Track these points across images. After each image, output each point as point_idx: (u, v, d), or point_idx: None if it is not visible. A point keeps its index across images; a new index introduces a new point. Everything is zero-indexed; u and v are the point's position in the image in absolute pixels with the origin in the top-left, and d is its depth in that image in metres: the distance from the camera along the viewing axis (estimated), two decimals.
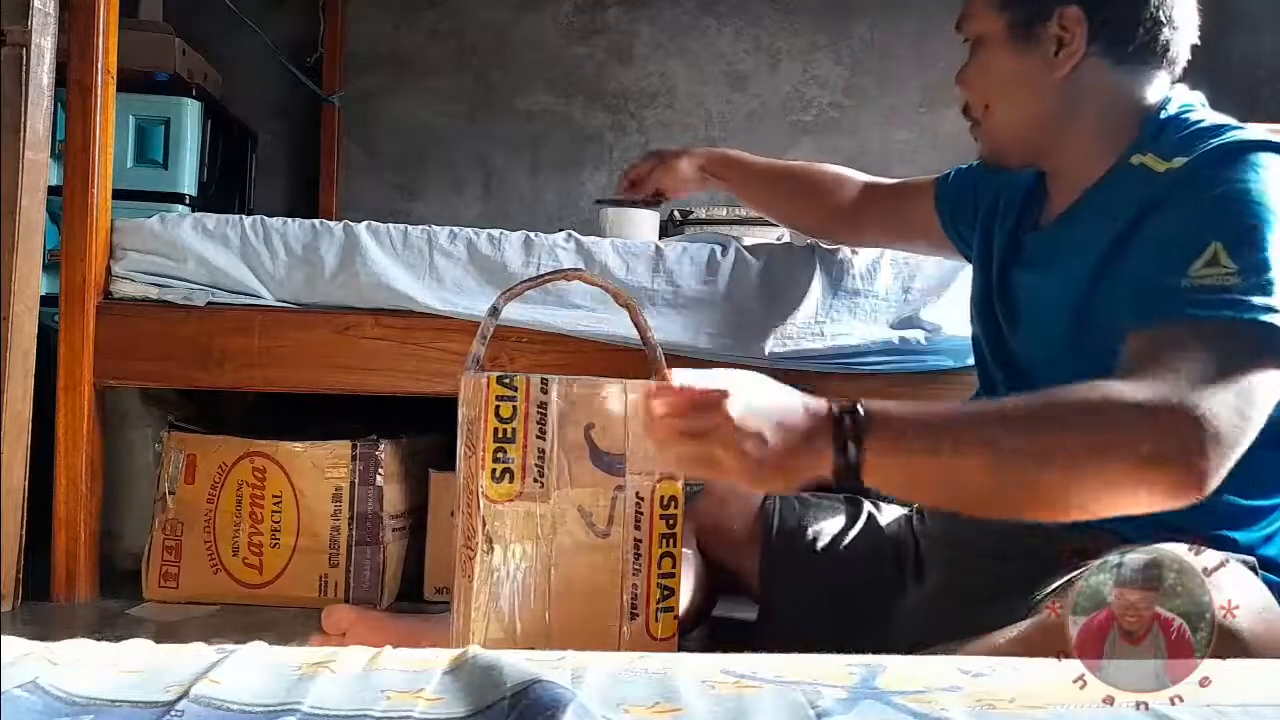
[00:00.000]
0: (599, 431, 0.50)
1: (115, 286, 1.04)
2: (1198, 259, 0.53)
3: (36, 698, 0.34)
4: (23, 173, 0.95)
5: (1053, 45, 0.63)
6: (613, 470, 0.51)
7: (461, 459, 0.52)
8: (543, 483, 0.49)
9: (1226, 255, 0.53)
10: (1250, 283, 0.52)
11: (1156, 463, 0.45)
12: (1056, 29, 0.62)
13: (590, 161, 1.82)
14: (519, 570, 0.48)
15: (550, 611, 0.49)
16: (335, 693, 0.35)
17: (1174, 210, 0.57)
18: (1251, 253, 0.53)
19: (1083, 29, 0.62)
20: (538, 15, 1.81)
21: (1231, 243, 0.54)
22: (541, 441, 0.49)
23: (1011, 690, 0.35)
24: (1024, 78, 0.64)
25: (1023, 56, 0.64)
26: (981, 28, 0.65)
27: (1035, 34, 0.63)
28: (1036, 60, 0.63)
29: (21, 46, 0.95)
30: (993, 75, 0.65)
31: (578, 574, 0.49)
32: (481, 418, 0.49)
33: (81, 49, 1.01)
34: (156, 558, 1.03)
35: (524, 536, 0.49)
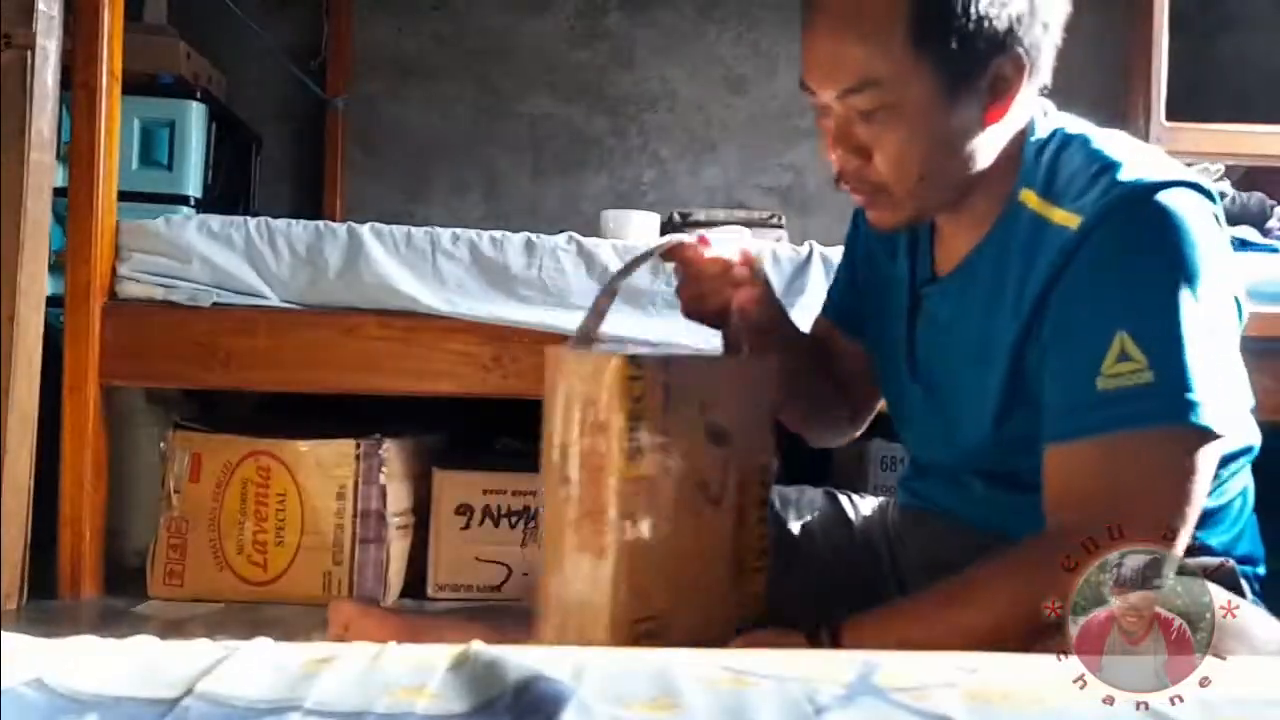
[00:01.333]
0: (714, 408, 0.54)
1: (120, 287, 1.05)
2: (1105, 355, 0.51)
3: (41, 695, 0.34)
4: (28, 174, 0.96)
5: (986, 96, 0.55)
6: (724, 443, 0.54)
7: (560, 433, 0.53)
8: (668, 458, 0.52)
9: (1134, 345, 0.50)
10: (1163, 375, 0.50)
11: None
12: (992, 77, 0.54)
13: (591, 165, 1.82)
14: (649, 538, 0.52)
15: (671, 575, 0.53)
16: (338, 689, 0.35)
17: (1077, 289, 0.53)
18: (1161, 336, 0.51)
19: (1022, 73, 0.54)
20: (540, 20, 1.81)
21: (1138, 328, 0.51)
22: (666, 420, 0.52)
23: (1009, 686, 0.35)
24: (959, 133, 0.55)
25: (959, 112, 0.55)
26: (905, 98, 0.54)
27: (971, 84, 0.54)
28: (972, 111, 0.55)
29: (26, 49, 0.96)
30: (929, 141, 0.55)
31: (694, 539, 0.53)
32: (614, 398, 0.51)
33: (86, 52, 1.01)
34: (161, 556, 1.03)
35: (651, 508, 0.52)
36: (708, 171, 1.81)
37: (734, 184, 1.82)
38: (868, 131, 0.55)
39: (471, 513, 1.08)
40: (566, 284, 1.07)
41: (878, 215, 0.59)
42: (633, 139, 1.82)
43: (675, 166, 1.82)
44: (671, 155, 1.82)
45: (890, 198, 0.57)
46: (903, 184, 0.56)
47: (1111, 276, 0.53)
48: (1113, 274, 0.53)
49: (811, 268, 1.08)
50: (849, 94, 0.55)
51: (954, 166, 0.57)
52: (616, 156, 1.82)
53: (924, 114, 0.54)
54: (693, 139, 1.81)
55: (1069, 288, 0.54)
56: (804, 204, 1.79)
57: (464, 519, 1.08)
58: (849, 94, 0.55)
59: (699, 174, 1.81)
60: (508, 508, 1.08)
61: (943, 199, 0.58)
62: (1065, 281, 0.54)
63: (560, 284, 1.07)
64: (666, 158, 1.82)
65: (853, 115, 0.55)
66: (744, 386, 0.56)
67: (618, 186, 1.82)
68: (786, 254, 1.10)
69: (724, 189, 1.82)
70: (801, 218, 1.74)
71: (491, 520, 1.08)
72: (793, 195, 1.79)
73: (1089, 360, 0.51)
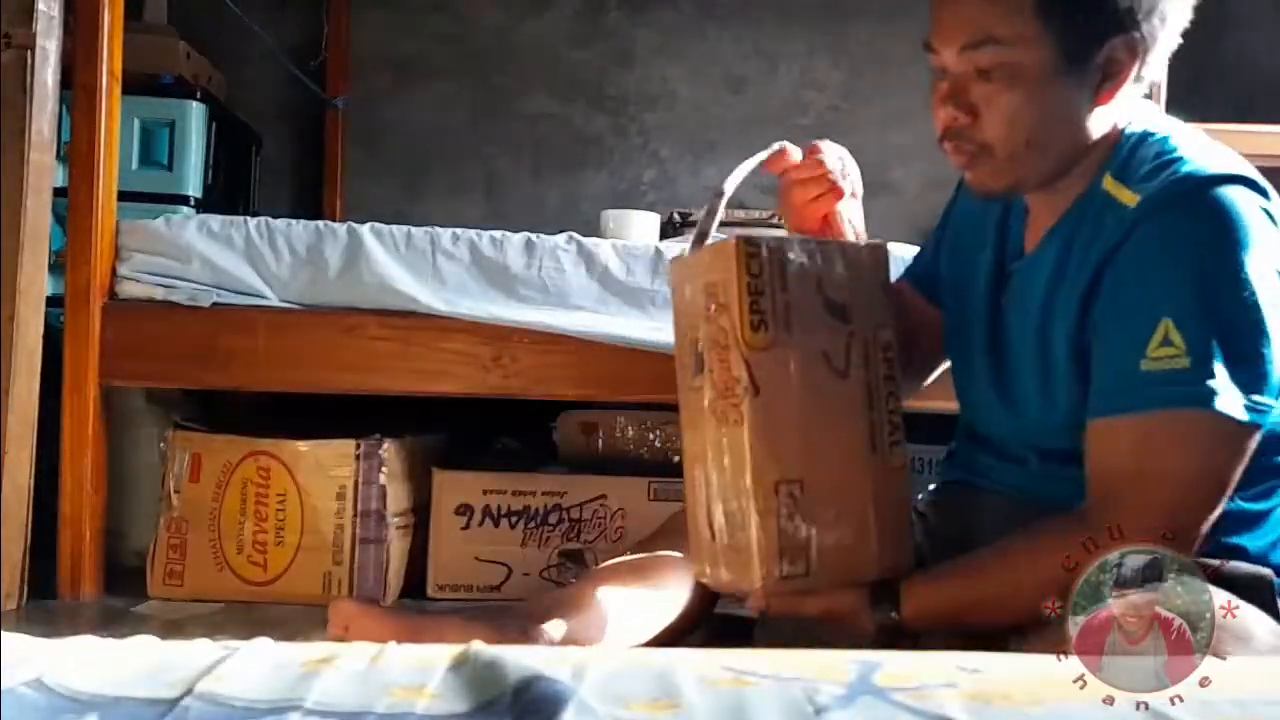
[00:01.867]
0: (830, 285, 0.57)
1: (120, 287, 1.05)
2: (1151, 338, 0.54)
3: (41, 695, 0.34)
4: (28, 174, 0.96)
5: (1097, 75, 0.57)
6: (843, 318, 0.58)
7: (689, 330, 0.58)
8: (790, 330, 0.56)
9: (1176, 332, 0.53)
10: (1197, 363, 0.53)
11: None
12: (1106, 59, 0.57)
13: (591, 164, 1.82)
14: (780, 406, 0.56)
15: (805, 442, 0.56)
16: (339, 689, 0.35)
17: (1129, 266, 0.57)
18: (1200, 323, 0.54)
19: (1134, 59, 0.57)
20: (539, 20, 1.81)
21: (1180, 316, 0.54)
22: (785, 294, 0.56)
23: (1009, 686, 0.35)
24: (1070, 109, 0.58)
25: (1072, 87, 0.57)
26: (1025, 59, 0.56)
27: (1086, 60, 0.57)
28: (1083, 90, 0.58)
29: (26, 49, 0.96)
30: (1041, 108, 0.57)
31: (823, 409, 0.57)
32: (734, 276, 0.55)
33: (86, 52, 1.01)
34: (161, 556, 1.03)
35: (779, 377, 0.56)
36: (708, 171, 1.81)
37: None
38: (982, 90, 0.58)
39: (471, 513, 1.08)
40: (566, 284, 1.07)
41: (976, 178, 0.61)
42: (633, 138, 1.82)
43: (675, 166, 1.82)
44: (671, 155, 1.82)
45: (992, 160, 0.59)
46: (1006, 146, 0.59)
47: (1161, 263, 0.55)
48: (1162, 261, 0.55)
49: None
50: (971, 49, 0.57)
51: (1057, 138, 0.59)
52: (616, 156, 1.82)
53: (1039, 80, 0.57)
54: (693, 139, 1.80)
55: (1120, 269, 0.57)
56: None
57: (464, 519, 1.08)
58: (971, 49, 0.57)
59: (699, 174, 1.81)
60: (508, 508, 1.08)
61: (1040, 171, 0.60)
62: (1118, 261, 0.57)
63: (560, 284, 1.07)
64: (666, 157, 1.82)
65: (970, 73, 0.58)
66: (857, 266, 0.59)
67: (618, 186, 1.82)
68: None
69: None
70: None
71: (491, 520, 1.08)
72: None
73: (1135, 342, 0.54)
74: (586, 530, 1.08)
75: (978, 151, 0.60)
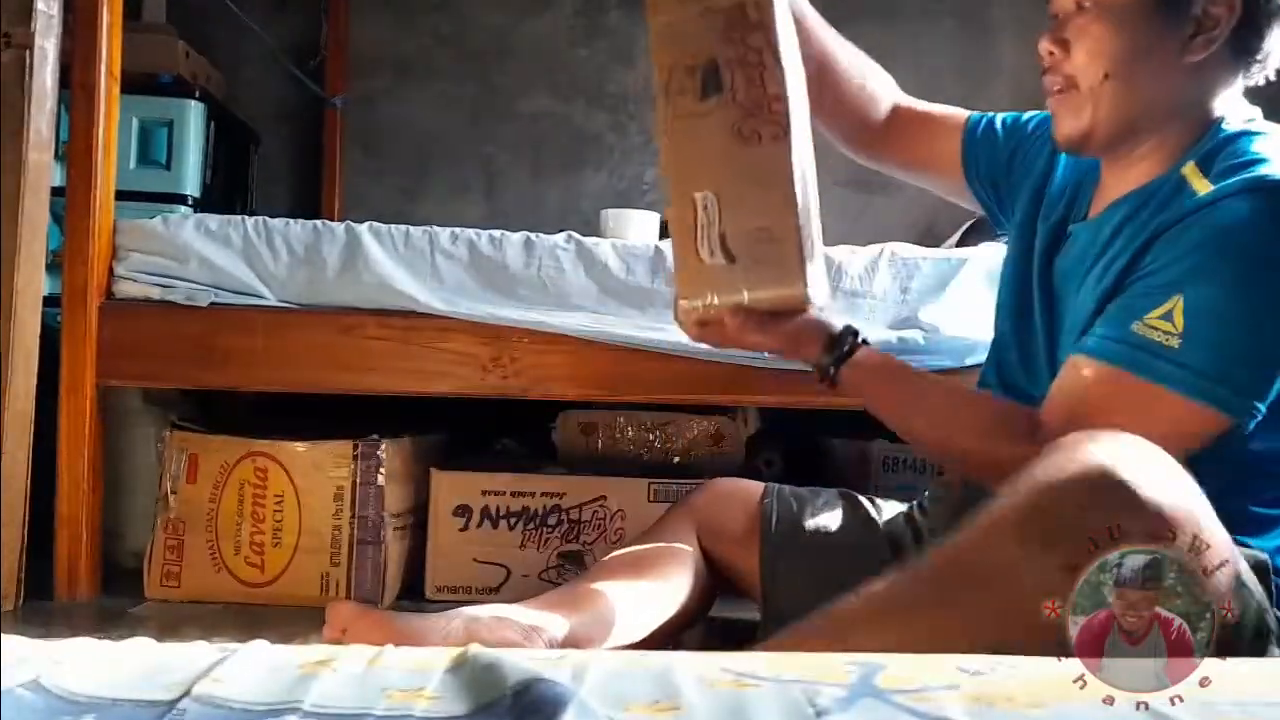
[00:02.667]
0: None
1: (118, 287, 1.04)
2: (1158, 308, 0.56)
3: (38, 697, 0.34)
4: (26, 173, 0.96)
5: (1191, 27, 0.59)
6: None
7: (725, 48, 0.60)
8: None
9: (1182, 315, 0.55)
10: (1185, 351, 0.55)
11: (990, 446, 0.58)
12: (1201, 10, 0.58)
13: (591, 163, 1.82)
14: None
15: (808, 163, 0.62)
16: (336, 692, 0.35)
17: (1173, 242, 0.58)
18: (1208, 320, 0.55)
19: (1231, 16, 0.58)
20: (539, 18, 1.81)
21: (1194, 302, 0.55)
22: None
23: (1011, 689, 0.35)
24: (1157, 53, 0.59)
25: (1161, 29, 0.59)
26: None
27: (1179, 8, 0.59)
28: (1173, 39, 0.59)
29: (25, 48, 0.95)
30: (1125, 43, 0.59)
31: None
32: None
33: (85, 51, 1.01)
34: (158, 557, 1.03)
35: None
36: None
37: None
38: (1077, 24, 0.61)
39: (470, 514, 1.08)
40: (566, 283, 1.07)
41: (1058, 117, 0.64)
42: (633, 137, 1.82)
43: None
44: None
45: (1075, 96, 0.62)
46: (1088, 78, 0.61)
47: (1202, 247, 0.56)
48: (1203, 245, 0.56)
49: None
50: None
51: (1138, 81, 0.60)
52: (616, 155, 1.82)
53: (1127, 14, 0.59)
54: None
55: (1163, 243, 0.58)
56: None
57: (462, 520, 1.08)
58: None
59: None
60: (506, 509, 1.08)
61: (1117, 114, 0.61)
62: (1164, 237, 0.58)
63: (560, 283, 1.07)
64: None
65: (1072, 9, 0.62)
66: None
67: (617, 185, 1.81)
68: None
69: None
70: None
71: (490, 522, 1.08)
72: None
73: (1142, 305, 0.57)
74: (586, 532, 1.08)
75: (1064, 85, 0.62)
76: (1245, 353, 0.55)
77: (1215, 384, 0.55)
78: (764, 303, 0.62)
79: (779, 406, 1.11)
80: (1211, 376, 0.55)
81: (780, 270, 0.60)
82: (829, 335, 0.64)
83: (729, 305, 0.62)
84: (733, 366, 1.03)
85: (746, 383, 1.03)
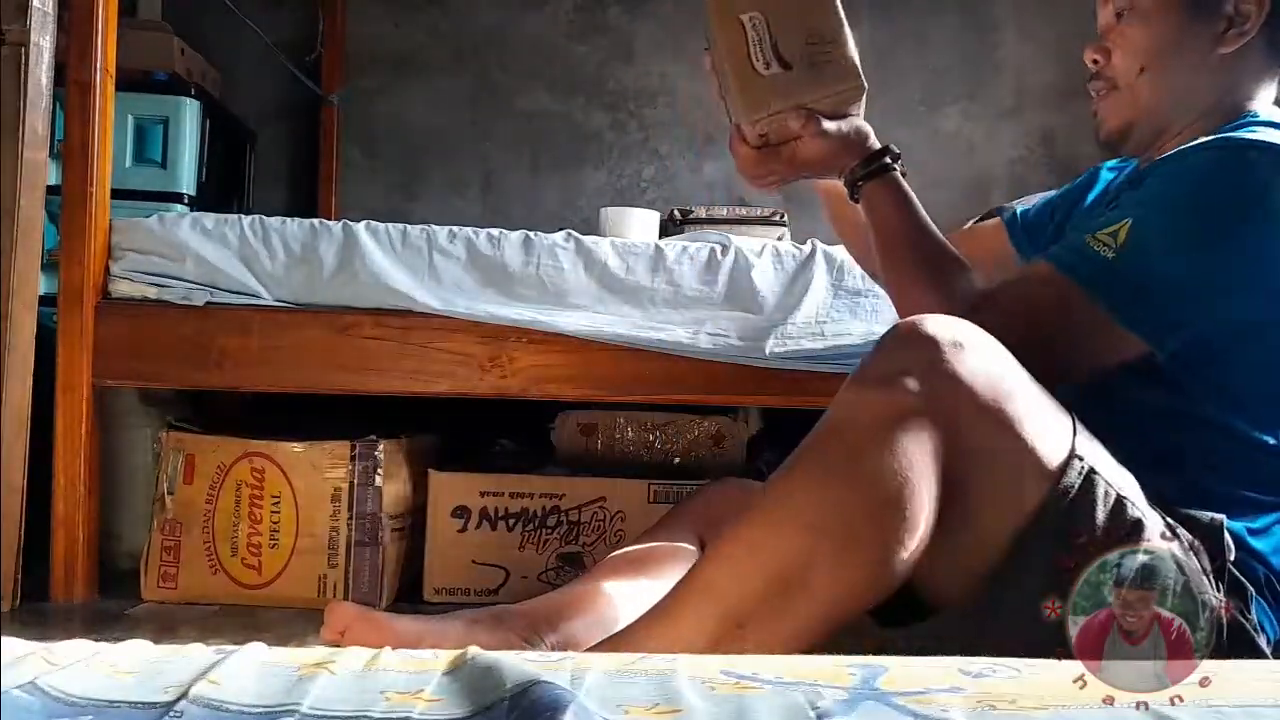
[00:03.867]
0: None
1: (114, 286, 1.04)
2: (1109, 227, 0.60)
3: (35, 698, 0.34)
4: (21, 172, 0.95)
5: (1223, 23, 0.64)
6: None
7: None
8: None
9: (1127, 235, 0.59)
10: (1117, 264, 0.59)
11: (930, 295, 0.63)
12: (1234, 6, 0.63)
13: (590, 161, 1.82)
14: None
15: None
16: (334, 694, 0.35)
17: (1142, 180, 0.63)
18: (1146, 244, 0.59)
19: (1262, 12, 0.63)
20: (538, 14, 1.80)
21: (1141, 228, 0.59)
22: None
23: (1013, 691, 0.35)
24: (1189, 48, 0.64)
25: (1193, 26, 0.64)
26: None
27: (1209, 6, 0.64)
28: (1205, 33, 0.64)
29: (20, 46, 0.95)
30: (1158, 39, 0.65)
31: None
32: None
33: (80, 48, 1.00)
34: (155, 558, 1.02)
35: None
36: (708, 168, 1.80)
37: (735, 180, 1.80)
38: (1116, 32, 0.67)
39: (468, 515, 1.08)
40: (565, 282, 1.06)
41: (1101, 115, 0.69)
42: (632, 135, 1.81)
43: (676, 163, 1.81)
44: (672, 151, 1.81)
45: (1115, 95, 0.68)
46: (1126, 76, 0.67)
47: (1163, 180, 0.62)
48: (1165, 180, 0.61)
49: (815, 265, 1.08)
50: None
51: (1173, 75, 0.66)
52: (616, 153, 1.81)
53: (1160, 17, 0.65)
54: (693, 135, 1.80)
55: (1141, 178, 0.64)
56: (806, 201, 1.77)
57: (461, 521, 1.07)
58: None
59: (700, 170, 1.81)
60: (505, 510, 1.08)
61: (1154, 106, 0.67)
62: (1144, 173, 0.65)
63: (559, 282, 1.06)
64: (667, 154, 1.81)
65: (1111, 19, 0.68)
66: None
67: (617, 183, 1.81)
68: (789, 251, 1.10)
69: (725, 185, 1.81)
70: (804, 215, 1.74)
71: (489, 523, 1.07)
72: (795, 192, 1.77)
73: (1098, 224, 0.61)
74: (585, 533, 1.07)
75: (1107, 88, 0.68)
76: (1170, 281, 0.59)
77: (1132, 300, 0.59)
78: (827, 100, 0.68)
79: (780, 407, 1.10)
80: (1131, 291, 0.59)
81: (837, 67, 0.67)
82: (869, 150, 0.68)
83: (792, 106, 0.67)
84: (733, 366, 1.02)
85: (747, 383, 1.03)
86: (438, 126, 1.79)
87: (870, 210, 0.68)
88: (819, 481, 0.52)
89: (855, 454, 0.51)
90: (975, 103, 1.81)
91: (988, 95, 1.81)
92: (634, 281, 1.06)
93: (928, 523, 0.51)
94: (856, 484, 0.51)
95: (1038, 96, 1.78)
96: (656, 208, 1.45)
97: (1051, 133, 1.77)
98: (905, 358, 0.53)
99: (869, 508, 0.50)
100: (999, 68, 1.81)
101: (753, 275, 1.06)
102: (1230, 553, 0.58)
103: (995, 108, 1.81)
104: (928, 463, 0.51)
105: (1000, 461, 0.53)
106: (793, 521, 0.51)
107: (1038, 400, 0.55)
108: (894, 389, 0.52)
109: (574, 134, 1.81)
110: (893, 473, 0.50)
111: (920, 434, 0.51)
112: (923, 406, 0.51)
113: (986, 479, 0.53)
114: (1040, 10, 1.78)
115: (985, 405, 0.53)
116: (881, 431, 0.51)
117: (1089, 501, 0.54)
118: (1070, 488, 0.54)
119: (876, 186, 0.67)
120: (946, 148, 1.76)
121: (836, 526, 0.50)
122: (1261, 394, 0.62)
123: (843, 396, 0.54)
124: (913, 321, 0.55)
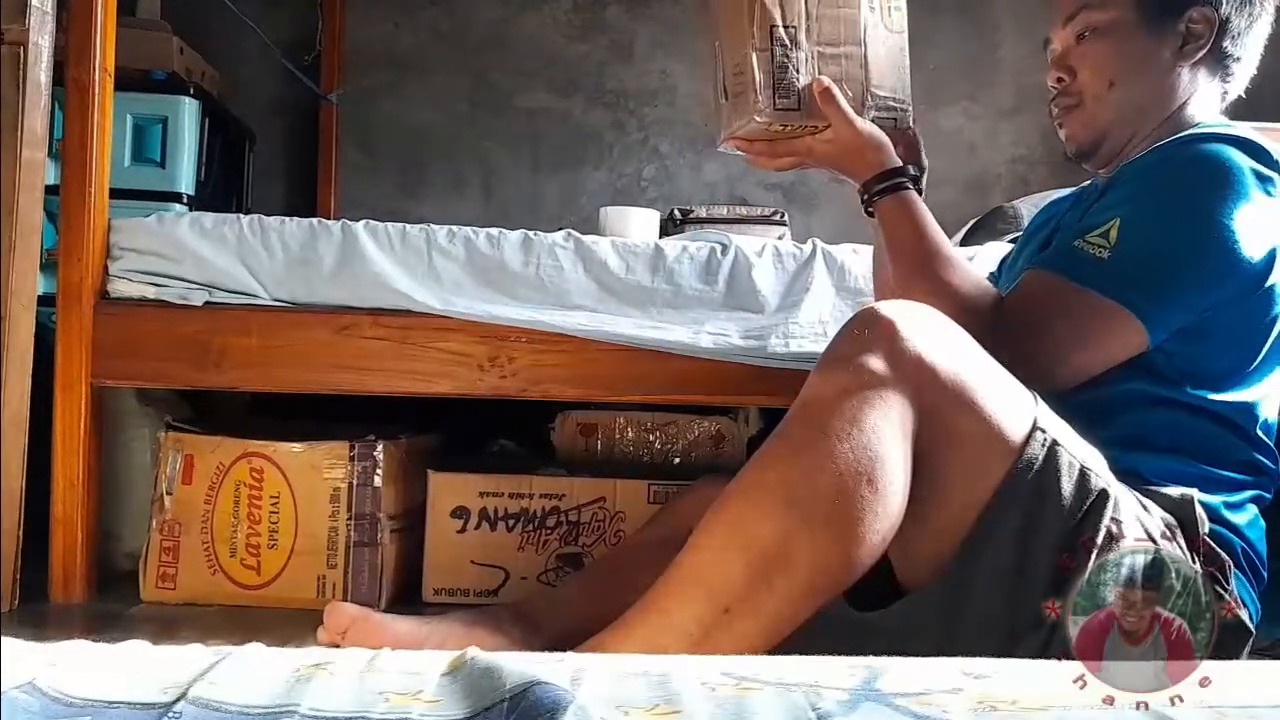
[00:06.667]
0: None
1: (112, 286, 1.04)
2: (1098, 229, 0.65)
3: (34, 699, 0.33)
4: (20, 171, 0.95)
5: (1179, 40, 0.70)
6: None
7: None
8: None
9: (1117, 233, 0.63)
10: (1111, 261, 0.63)
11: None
12: (1186, 25, 0.69)
13: (590, 160, 1.81)
14: None
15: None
16: (333, 695, 0.34)
17: (1121, 182, 0.68)
18: (1135, 237, 0.63)
19: (1212, 29, 0.69)
20: (537, 14, 1.80)
21: (1130, 223, 0.64)
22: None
23: (1013, 692, 0.35)
24: (1153, 62, 0.70)
25: (1153, 42, 0.70)
26: (1107, 16, 0.70)
27: (1165, 24, 0.70)
28: (1165, 48, 0.70)
29: (19, 45, 0.95)
30: (1124, 56, 0.71)
31: None
32: None
33: (79, 47, 1.00)
34: (154, 558, 1.02)
35: None
36: (709, 167, 1.80)
37: (735, 180, 1.81)
38: (1079, 52, 0.72)
39: (468, 515, 1.07)
40: (565, 282, 1.06)
41: (1069, 131, 0.75)
42: (632, 134, 1.81)
43: (676, 162, 1.81)
44: (672, 150, 1.81)
45: (1082, 109, 0.73)
46: (1093, 89, 0.72)
47: (1138, 180, 0.67)
48: (1140, 180, 0.67)
49: (815, 265, 1.08)
50: (1069, 21, 0.72)
51: (1140, 87, 0.71)
52: (616, 152, 1.81)
53: (1122, 33, 0.71)
54: (693, 134, 1.80)
55: (1118, 182, 0.69)
56: (807, 201, 1.78)
57: (460, 522, 1.07)
58: (1069, 21, 0.72)
59: (700, 169, 1.81)
60: (504, 510, 1.07)
61: (1122, 118, 0.72)
62: (1119, 176, 0.70)
63: (558, 282, 1.06)
64: (667, 153, 1.81)
65: (1071, 42, 0.73)
66: None
67: (617, 182, 1.81)
68: (789, 251, 1.09)
69: (725, 185, 1.81)
70: (804, 215, 1.74)
71: (488, 523, 1.07)
72: (795, 192, 1.79)
73: (1086, 228, 0.66)
74: (585, 534, 1.07)
75: (1074, 104, 0.73)
76: (1162, 269, 0.63)
77: (1129, 289, 0.63)
78: (740, 133, 0.70)
79: (780, 407, 1.10)
80: (1127, 281, 0.63)
81: (743, 102, 0.68)
82: (884, 167, 0.70)
83: (728, 140, 0.70)
84: (734, 366, 1.02)
85: (747, 383, 1.03)
86: (437, 126, 1.79)
87: (883, 225, 0.71)
88: (790, 458, 0.54)
89: (824, 430, 0.53)
90: (976, 102, 1.81)
91: (988, 95, 1.81)
92: (634, 281, 1.06)
93: (900, 495, 0.53)
94: (827, 458, 0.52)
95: (1038, 96, 1.77)
96: (656, 207, 1.45)
97: (1051, 132, 1.77)
98: (868, 338, 0.55)
99: (840, 480, 0.52)
100: (999, 68, 1.81)
101: (753, 275, 1.06)
102: (1203, 525, 0.60)
103: (995, 107, 1.81)
104: (896, 437, 0.53)
105: (964, 436, 0.55)
106: (769, 498, 0.53)
107: (998, 378, 0.58)
108: (858, 368, 0.54)
109: (574, 133, 1.80)
110: (861, 446, 0.52)
111: (887, 410, 0.53)
112: (887, 383, 0.53)
113: (952, 455, 0.55)
114: (1040, 10, 1.78)
115: (946, 382, 0.55)
116: (848, 408, 0.53)
117: (1053, 473, 0.56)
118: (1034, 459, 0.56)
119: (890, 203, 0.70)
120: (947, 147, 1.76)
121: (810, 500, 0.52)
122: (1233, 369, 0.65)
123: (811, 379, 0.57)
124: (873, 307, 0.58)
